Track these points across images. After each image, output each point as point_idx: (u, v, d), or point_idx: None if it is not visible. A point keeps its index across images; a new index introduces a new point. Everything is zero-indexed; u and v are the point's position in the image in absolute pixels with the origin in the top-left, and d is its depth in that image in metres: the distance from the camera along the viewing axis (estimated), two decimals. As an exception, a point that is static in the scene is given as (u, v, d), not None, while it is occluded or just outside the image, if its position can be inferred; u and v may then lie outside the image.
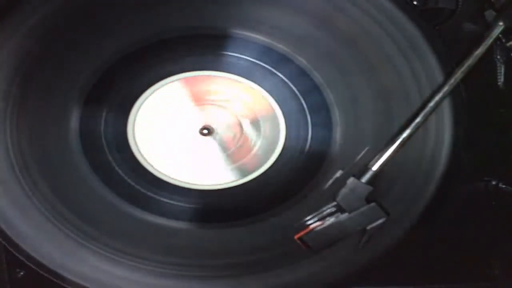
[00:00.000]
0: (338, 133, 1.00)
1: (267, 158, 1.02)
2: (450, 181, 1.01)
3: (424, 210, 1.02)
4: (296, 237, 0.98)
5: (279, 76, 0.99)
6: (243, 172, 1.03)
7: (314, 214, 0.99)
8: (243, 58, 0.98)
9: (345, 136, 1.00)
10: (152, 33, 0.96)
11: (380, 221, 0.97)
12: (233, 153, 1.03)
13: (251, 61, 0.98)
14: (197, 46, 0.98)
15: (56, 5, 0.93)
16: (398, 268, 1.08)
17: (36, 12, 0.93)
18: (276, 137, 1.01)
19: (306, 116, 1.00)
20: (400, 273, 1.09)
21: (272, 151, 1.02)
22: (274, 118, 1.01)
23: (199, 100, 1.01)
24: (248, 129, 1.02)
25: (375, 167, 0.96)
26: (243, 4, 0.96)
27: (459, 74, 0.95)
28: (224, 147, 1.03)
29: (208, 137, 1.02)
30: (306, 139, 1.01)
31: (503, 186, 1.08)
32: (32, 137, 0.97)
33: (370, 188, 0.97)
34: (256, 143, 1.03)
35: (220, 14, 0.96)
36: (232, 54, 0.98)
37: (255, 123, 1.02)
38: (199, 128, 1.01)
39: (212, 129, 1.02)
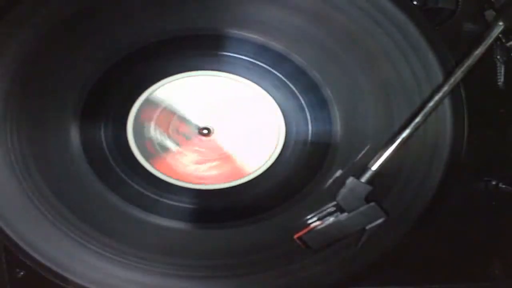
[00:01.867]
0: (337, 132, 1.00)
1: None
2: (450, 181, 1.01)
3: (424, 210, 1.02)
4: (295, 236, 0.98)
5: (277, 75, 0.99)
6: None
7: (313, 214, 0.99)
8: (241, 57, 0.98)
9: (345, 135, 1.00)
10: (151, 34, 0.96)
11: (379, 221, 0.97)
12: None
13: (249, 60, 0.98)
14: (196, 47, 0.98)
15: (56, 5, 0.93)
16: (398, 268, 1.08)
17: (36, 12, 0.93)
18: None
19: (305, 114, 1.00)
20: (400, 273, 1.09)
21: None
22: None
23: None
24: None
25: (374, 167, 0.96)
26: (241, 4, 0.96)
27: (458, 74, 0.95)
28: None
29: (208, 137, 1.02)
30: (306, 138, 1.01)
31: (503, 186, 1.08)
32: (32, 138, 0.97)
33: (369, 187, 0.97)
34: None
35: (217, 14, 0.96)
36: (230, 54, 0.98)
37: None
38: (199, 128, 1.01)
39: (212, 129, 1.02)
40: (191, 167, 1.02)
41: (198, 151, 1.02)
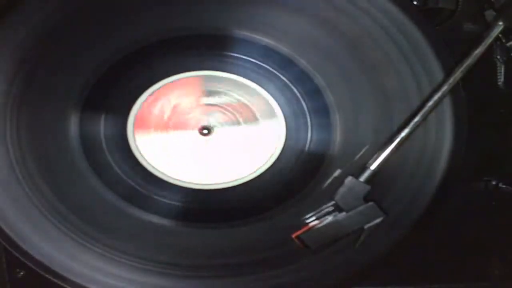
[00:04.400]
0: (338, 135, 1.00)
1: (267, 159, 1.02)
2: (450, 181, 1.01)
3: (424, 210, 1.02)
4: (293, 235, 0.98)
5: (280, 77, 0.99)
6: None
7: (312, 213, 0.99)
8: (244, 59, 0.98)
9: (345, 137, 1.00)
10: (152, 33, 0.96)
11: (377, 220, 0.97)
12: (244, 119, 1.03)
13: (252, 62, 0.98)
14: (199, 46, 0.98)
15: (56, 5, 0.93)
16: (398, 268, 1.08)
17: (36, 12, 0.93)
18: (276, 137, 1.01)
19: (306, 117, 1.00)
20: (400, 273, 1.09)
21: (272, 151, 1.02)
22: (275, 118, 1.01)
23: (199, 100, 1.01)
24: (248, 130, 1.02)
25: (373, 166, 0.96)
26: (245, 5, 0.96)
27: (458, 73, 0.95)
28: (233, 125, 1.03)
29: (208, 137, 1.02)
30: (306, 140, 1.01)
31: (503, 186, 1.08)
32: (32, 137, 0.97)
33: (368, 187, 0.97)
34: (256, 144, 1.03)
35: (222, 14, 0.96)
36: (234, 55, 0.98)
37: (256, 124, 1.02)
38: (199, 128, 1.01)
39: (212, 129, 1.02)
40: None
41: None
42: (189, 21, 0.96)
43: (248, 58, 0.98)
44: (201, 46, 0.98)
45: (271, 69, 0.99)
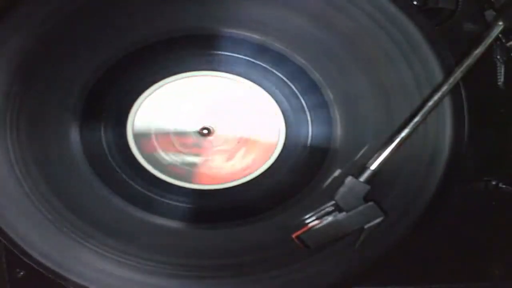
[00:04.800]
0: (338, 132, 1.00)
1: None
2: (450, 181, 1.01)
3: (424, 210, 1.02)
4: (293, 235, 0.98)
5: (277, 75, 0.99)
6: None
7: (312, 213, 0.99)
8: (241, 57, 0.98)
9: (345, 135, 1.00)
10: (150, 34, 0.96)
11: (377, 220, 0.97)
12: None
13: (249, 60, 0.98)
14: (195, 46, 0.98)
15: (55, 5, 0.93)
16: (398, 268, 1.08)
17: (36, 12, 0.93)
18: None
19: (305, 115, 1.00)
20: (400, 273, 1.09)
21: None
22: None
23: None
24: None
25: (373, 166, 0.96)
26: (241, 4, 0.96)
27: (458, 73, 0.95)
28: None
29: (208, 137, 1.02)
30: (306, 139, 1.01)
31: (503, 186, 1.08)
32: (32, 137, 0.97)
33: (368, 187, 0.97)
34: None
35: (217, 13, 0.96)
36: (230, 54, 0.98)
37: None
38: (199, 128, 1.01)
39: (212, 129, 1.02)
40: (226, 165, 1.02)
41: (219, 150, 1.02)
42: (185, 21, 0.96)
43: (245, 57, 0.98)
44: (198, 46, 0.98)
45: (267, 66, 0.99)
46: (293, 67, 0.98)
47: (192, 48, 0.98)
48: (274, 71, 0.99)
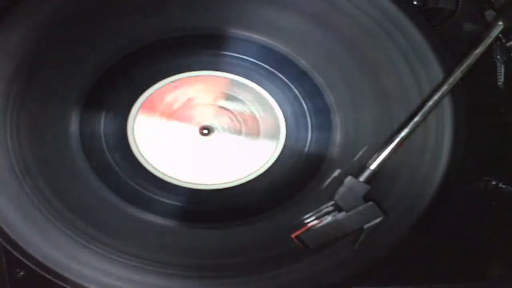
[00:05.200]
0: (338, 134, 1.00)
1: (267, 158, 1.02)
2: (450, 181, 1.01)
3: (424, 210, 1.02)
4: (293, 235, 0.98)
5: (280, 77, 0.99)
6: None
7: (311, 213, 0.99)
8: (244, 58, 0.98)
9: (346, 137, 1.00)
10: (152, 33, 0.96)
11: (377, 220, 0.97)
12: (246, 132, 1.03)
13: (252, 61, 0.98)
14: (198, 46, 0.98)
15: (55, 5, 0.93)
16: (398, 268, 1.08)
17: (36, 12, 0.93)
18: (276, 137, 1.01)
19: (306, 117, 1.00)
20: (400, 273, 1.09)
21: (272, 151, 1.02)
22: (275, 118, 1.01)
23: (215, 100, 1.01)
24: (248, 129, 1.02)
25: (373, 166, 0.97)
26: (244, 5, 0.96)
27: (458, 73, 0.96)
28: (234, 134, 1.03)
29: (208, 137, 1.02)
30: (306, 140, 1.01)
31: (503, 186, 1.08)
32: (32, 137, 0.97)
33: (367, 187, 0.97)
34: (255, 144, 1.03)
35: (220, 14, 0.96)
36: (233, 55, 0.98)
37: (255, 125, 1.02)
38: (199, 128, 1.01)
39: (212, 129, 1.02)
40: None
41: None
42: (188, 21, 0.96)
43: (248, 58, 0.98)
44: (200, 46, 0.98)
45: (271, 68, 0.99)
46: (296, 70, 0.98)
47: (195, 48, 0.99)
48: (277, 73, 0.99)
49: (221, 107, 1.01)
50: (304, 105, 1.00)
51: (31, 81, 0.95)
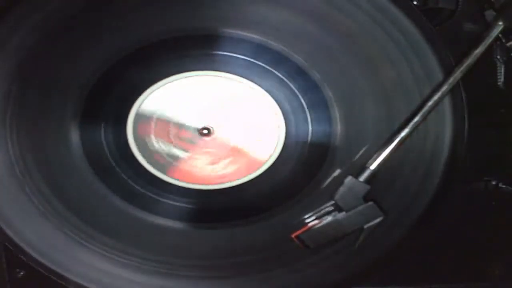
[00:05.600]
0: (337, 132, 1.00)
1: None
2: (450, 181, 1.01)
3: (424, 210, 1.02)
4: (293, 235, 0.98)
5: (277, 74, 0.99)
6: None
7: (311, 213, 0.99)
8: (241, 57, 0.98)
9: (345, 135, 1.00)
10: (150, 34, 0.96)
11: (377, 220, 0.97)
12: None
13: (249, 60, 0.98)
14: (195, 47, 0.98)
15: (56, 5, 0.93)
16: (398, 268, 1.08)
17: (36, 12, 0.93)
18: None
19: (305, 114, 1.00)
20: (400, 273, 1.09)
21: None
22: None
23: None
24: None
25: (373, 166, 0.97)
26: (241, 4, 0.96)
27: (458, 73, 0.96)
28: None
29: (208, 137, 1.02)
30: (306, 138, 1.01)
31: (503, 186, 1.08)
32: (32, 138, 0.97)
33: (367, 187, 0.97)
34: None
35: (217, 14, 0.96)
36: (230, 54, 0.98)
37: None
38: (199, 128, 1.01)
39: (212, 128, 1.02)
40: (207, 168, 1.02)
41: (208, 152, 1.02)
42: (183, 21, 0.96)
43: (244, 57, 0.98)
44: (196, 46, 0.98)
45: (267, 66, 0.99)
46: (292, 67, 0.98)
47: (192, 48, 0.98)
48: (274, 70, 0.99)
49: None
50: (303, 102, 1.00)
51: (31, 81, 0.95)
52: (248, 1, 0.96)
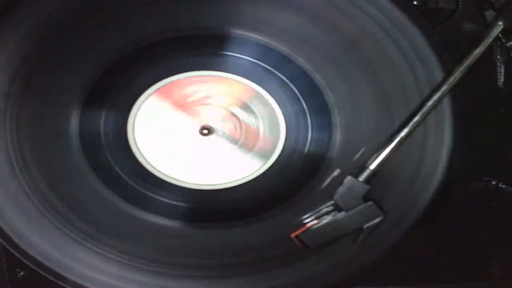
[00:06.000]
0: (338, 134, 1.00)
1: (267, 158, 1.02)
2: (450, 181, 1.01)
3: (424, 210, 1.02)
4: (292, 235, 0.98)
5: (279, 76, 0.99)
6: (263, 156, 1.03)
7: (311, 213, 0.99)
8: (243, 58, 0.98)
9: (345, 137, 1.00)
10: (152, 33, 0.96)
11: (376, 220, 0.97)
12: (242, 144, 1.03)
13: (251, 61, 0.98)
14: (197, 46, 0.98)
15: (55, 5, 0.93)
16: (398, 268, 1.08)
17: (36, 12, 0.93)
18: (276, 137, 1.01)
19: (306, 116, 1.00)
20: (400, 273, 1.09)
21: (272, 151, 1.02)
22: (274, 118, 1.01)
23: (199, 100, 1.01)
24: (248, 129, 1.02)
25: (372, 166, 0.97)
26: (243, 4, 0.96)
27: (458, 73, 0.96)
28: (230, 141, 1.03)
29: (208, 137, 1.02)
30: (306, 140, 1.01)
31: (503, 186, 1.08)
32: (32, 137, 0.97)
33: (367, 186, 0.97)
34: (255, 143, 1.03)
35: (220, 14, 0.96)
36: (232, 54, 0.98)
37: (255, 124, 1.02)
38: (199, 128, 1.01)
39: (212, 129, 1.02)
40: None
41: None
42: (187, 21, 0.96)
43: (247, 58, 0.98)
44: (200, 46, 0.98)
45: (270, 68, 0.99)
46: (295, 69, 0.98)
47: (194, 48, 0.99)
48: (277, 72, 0.99)
49: (232, 113, 1.01)
50: (304, 104, 1.00)
51: (31, 81, 0.95)
52: (251, 2, 0.96)
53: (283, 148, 1.02)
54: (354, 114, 0.99)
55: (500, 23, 0.98)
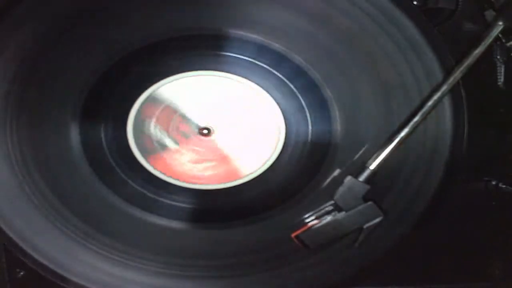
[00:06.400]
0: (337, 132, 1.00)
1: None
2: (450, 181, 1.01)
3: (424, 210, 1.02)
4: (292, 235, 0.98)
5: (277, 74, 0.99)
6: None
7: (311, 213, 0.99)
8: (241, 57, 0.98)
9: (345, 135, 1.00)
10: (151, 33, 0.96)
11: (376, 220, 0.97)
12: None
13: (248, 60, 0.98)
14: (195, 47, 0.98)
15: (55, 5, 0.93)
16: (398, 268, 1.08)
17: (36, 12, 0.93)
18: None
19: (305, 114, 1.00)
20: (400, 273, 1.09)
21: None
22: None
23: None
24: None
25: (372, 166, 0.97)
26: (240, 4, 0.96)
27: (458, 73, 0.96)
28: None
29: (207, 137, 1.02)
30: (306, 139, 1.01)
31: (503, 186, 1.08)
32: (32, 138, 0.97)
33: (367, 186, 0.97)
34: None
35: (217, 14, 0.96)
36: (230, 54, 0.98)
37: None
38: (199, 128, 1.01)
39: (212, 129, 1.02)
40: (187, 166, 1.02)
41: (196, 150, 1.02)
42: (184, 21, 0.96)
43: (245, 57, 0.98)
44: (197, 46, 0.98)
45: (268, 67, 0.99)
46: (292, 67, 0.98)
47: (193, 48, 0.99)
48: (274, 71, 0.99)
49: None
50: (303, 102, 1.00)
51: (31, 81, 0.95)
52: (248, 2, 0.96)
53: (283, 147, 1.01)
54: (354, 111, 0.99)
55: (500, 23, 0.98)
